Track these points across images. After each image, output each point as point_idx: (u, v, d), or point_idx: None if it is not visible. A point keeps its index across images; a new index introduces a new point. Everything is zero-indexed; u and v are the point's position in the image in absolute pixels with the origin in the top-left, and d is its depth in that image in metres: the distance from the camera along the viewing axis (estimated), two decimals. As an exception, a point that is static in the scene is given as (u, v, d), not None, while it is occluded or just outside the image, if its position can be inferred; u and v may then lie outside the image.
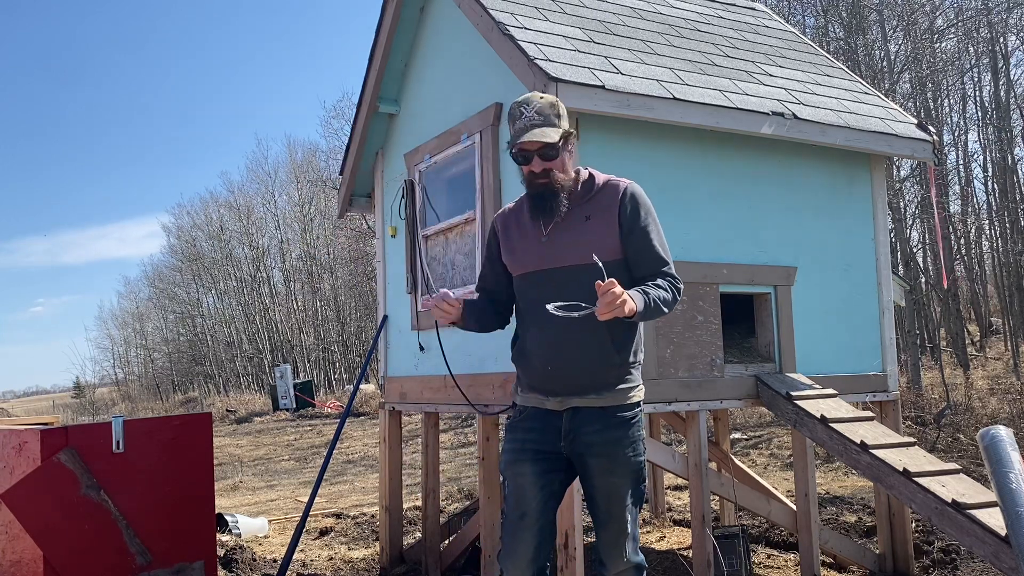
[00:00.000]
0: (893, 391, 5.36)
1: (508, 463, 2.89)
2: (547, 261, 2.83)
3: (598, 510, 2.85)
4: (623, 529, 2.83)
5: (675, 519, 6.90)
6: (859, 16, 14.79)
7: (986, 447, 3.20)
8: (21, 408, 50.12)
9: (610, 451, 2.79)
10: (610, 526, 2.83)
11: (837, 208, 5.27)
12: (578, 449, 2.80)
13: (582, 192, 2.85)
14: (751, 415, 12.72)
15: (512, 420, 2.97)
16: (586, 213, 2.83)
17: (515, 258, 2.92)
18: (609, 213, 2.82)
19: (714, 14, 6.10)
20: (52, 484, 4.16)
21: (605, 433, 2.77)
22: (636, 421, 2.85)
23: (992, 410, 10.92)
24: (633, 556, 2.86)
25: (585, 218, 2.82)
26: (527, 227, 2.90)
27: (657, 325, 4.49)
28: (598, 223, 2.81)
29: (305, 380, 27.60)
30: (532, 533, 2.82)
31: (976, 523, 3.46)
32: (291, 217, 38.21)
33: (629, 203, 2.83)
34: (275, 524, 7.71)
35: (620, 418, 2.80)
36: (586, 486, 2.87)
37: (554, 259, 2.81)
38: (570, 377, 2.78)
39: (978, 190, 20.76)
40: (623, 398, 2.81)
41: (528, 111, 2.76)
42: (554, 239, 2.82)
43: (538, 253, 2.85)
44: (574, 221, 2.82)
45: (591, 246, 2.74)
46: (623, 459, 2.80)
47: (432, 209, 5.45)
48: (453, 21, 5.23)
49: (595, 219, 2.82)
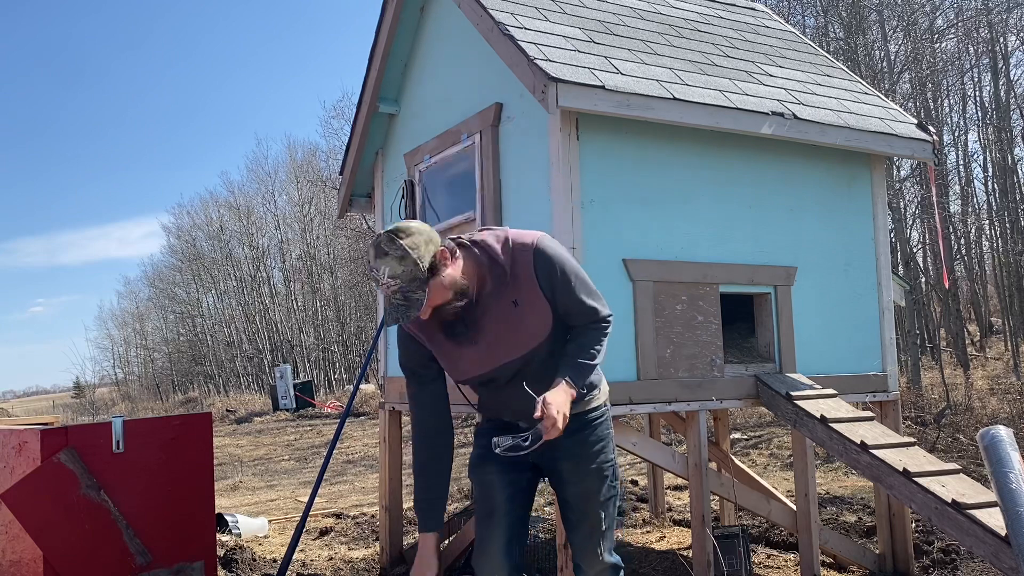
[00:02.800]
0: (893, 391, 5.36)
1: (474, 466, 2.92)
2: (487, 364, 2.73)
3: (571, 512, 2.87)
4: (596, 527, 2.83)
5: (675, 519, 6.90)
6: (859, 16, 14.79)
7: (986, 447, 3.20)
8: (21, 408, 50.09)
9: (578, 452, 2.81)
10: (583, 526, 2.84)
11: (837, 208, 5.27)
12: (547, 453, 2.80)
13: (496, 279, 2.65)
14: (751, 415, 12.72)
15: (479, 427, 3.01)
16: (511, 298, 2.65)
17: (452, 367, 2.80)
18: (530, 287, 2.64)
19: (714, 14, 6.10)
20: (52, 484, 4.16)
21: (573, 435, 2.75)
22: (602, 421, 2.87)
23: (992, 410, 10.92)
24: (608, 556, 2.86)
25: (512, 304, 2.65)
26: (445, 333, 2.71)
27: (657, 325, 4.49)
28: (525, 305, 2.65)
29: (305, 380, 27.60)
30: (502, 529, 2.81)
31: (976, 523, 3.46)
32: (291, 217, 38.22)
33: (542, 268, 2.64)
34: (275, 524, 7.71)
35: (585, 419, 2.82)
36: (558, 490, 2.89)
37: (494, 359, 2.71)
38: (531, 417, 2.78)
39: (978, 190, 20.79)
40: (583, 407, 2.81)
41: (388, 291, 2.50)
42: (487, 338, 2.68)
43: (474, 359, 2.73)
44: (503, 311, 2.66)
45: (525, 334, 2.66)
46: (592, 458, 2.82)
47: (432, 209, 5.45)
48: (453, 21, 5.23)
49: (522, 302, 2.65)
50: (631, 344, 4.42)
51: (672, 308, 4.57)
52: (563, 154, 4.28)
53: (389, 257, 2.48)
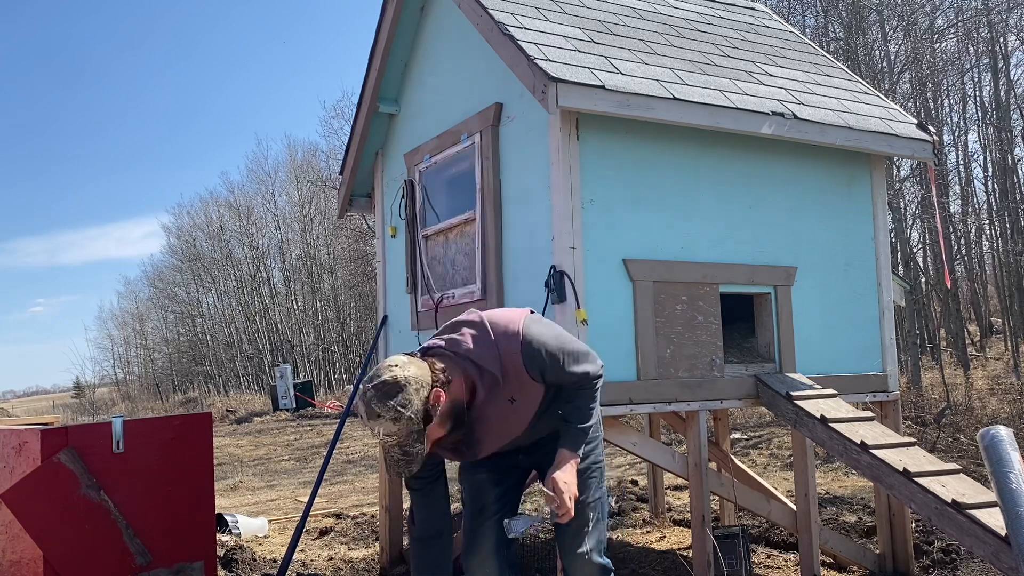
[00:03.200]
0: (893, 391, 5.36)
1: (464, 468, 2.95)
2: (494, 449, 2.80)
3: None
4: (583, 525, 2.82)
5: (675, 519, 6.90)
6: (859, 16, 14.79)
7: (986, 447, 3.20)
8: (21, 408, 50.07)
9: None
10: (570, 526, 2.82)
11: (837, 208, 5.27)
12: (537, 459, 2.84)
13: (488, 386, 2.63)
14: (751, 415, 12.71)
15: None
16: (507, 396, 2.65)
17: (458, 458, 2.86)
18: (522, 379, 2.64)
19: (714, 14, 6.10)
20: (52, 484, 4.16)
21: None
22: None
23: (992, 410, 10.92)
24: (597, 557, 2.84)
25: (510, 401, 2.66)
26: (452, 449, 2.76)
27: (657, 325, 4.49)
28: (520, 397, 2.67)
29: (305, 380, 27.60)
30: (491, 525, 2.84)
31: (976, 523, 3.46)
32: (291, 217, 38.22)
33: (530, 359, 2.62)
34: (275, 524, 7.71)
35: None
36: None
37: (499, 445, 2.78)
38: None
39: (978, 190, 20.78)
40: None
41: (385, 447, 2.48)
42: (490, 437, 2.72)
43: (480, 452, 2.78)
44: (500, 412, 2.67)
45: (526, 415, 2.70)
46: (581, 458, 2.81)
47: (432, 209, 5.45)
48: (453, 21, 5.24)
49: (518, 397, 2.67)
50: (631, 344, 4.42)
51: (672, 308, 4.57)
52: (563, 154, 4.28)
53: (382, 419, 2.41)
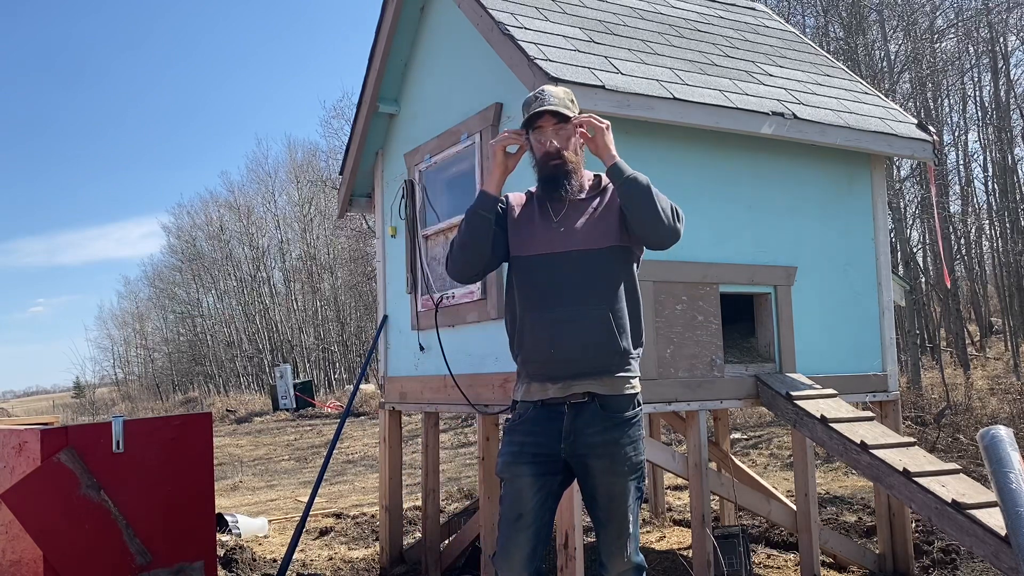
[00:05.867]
0: (893, 391, 5.36)
1: (506, 464, 2.88)
2: (555, 245, 2.90)
3: (599, 510, 2.85)
4: (624, 529, 2.83)
5: (675, 519, 6.90)
6: (859, 16, 14.78)
7: (986, 447, 3.20)
8: (21, 408, 50.11)
9: (611, 451, 2.79)
10: (611, 527, 2.84)
11: (837, 208, 5.27)
12: (579, 451, 2.80)
13: (591, 188, 2.99)
14: (751, 415, 12.72)
15: (511, 423, 2.96)
16: (594, 205, 2.95)
17: (521, 239, 2.96)
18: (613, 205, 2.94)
19: (714, 14, 6.10)
20: (52, 484, 4.16)
21: (606, 434, 2.78)
22: (636, 421, 2.86)
23: (992, 410, 10.92)
24: (634, 556, 2.87)
25: (593, 208, 2.94)
26: (535, 213, 2.98)
27: (657, 325, 4.49)
28: (607, 212, 2.93)
29: (305, 380, 27.61)
30: (528, 535, 2.82)
31: (976, 523, 3.46)
32: (291, 217, 38.22)
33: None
34: (275, 524, 7.71)
35: (621, 418, 2.82)
36: (587, 487, 2.87)
37: (563, 243, 2.89)
38: (571, 360, 2.80)
39: (978, 190, 20.76)
40: (622, 387, 2.83)
41: (543, 95, 2.92)
42: (565, 225, 2.92)
43: (547, 237, 2.92)
44: (587, 208, 2.94)
45: (598, 231, 2.88)
46: (624, 459, 2.80)
47: (432, 209, 5.45)
48: (453, 21, 5.23)
49: (603, 209, 2.94)
50: (631, 344, 4.41)
51: (672, 308, 4.57)
52: (563, 154, 4.27)
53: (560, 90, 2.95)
